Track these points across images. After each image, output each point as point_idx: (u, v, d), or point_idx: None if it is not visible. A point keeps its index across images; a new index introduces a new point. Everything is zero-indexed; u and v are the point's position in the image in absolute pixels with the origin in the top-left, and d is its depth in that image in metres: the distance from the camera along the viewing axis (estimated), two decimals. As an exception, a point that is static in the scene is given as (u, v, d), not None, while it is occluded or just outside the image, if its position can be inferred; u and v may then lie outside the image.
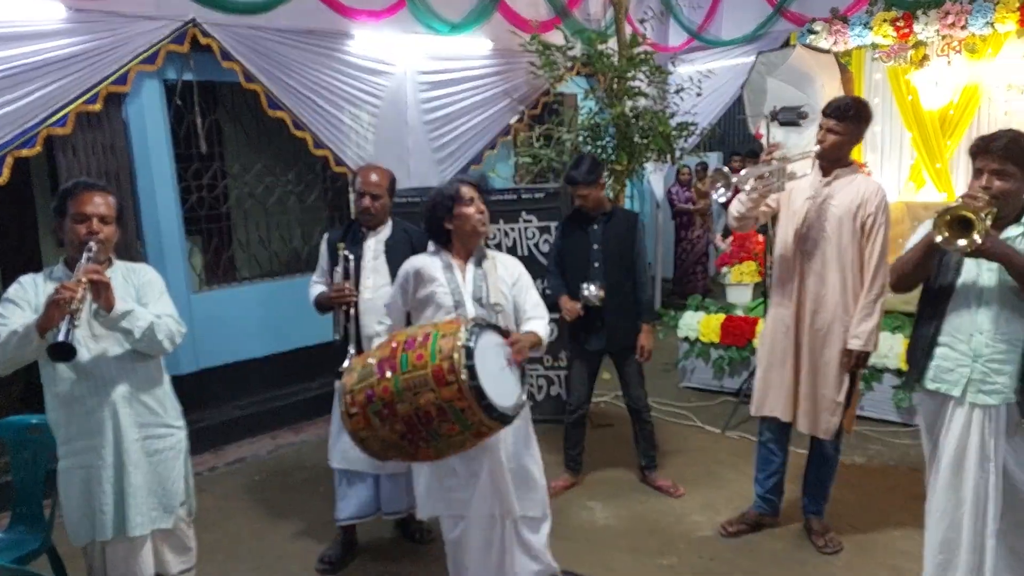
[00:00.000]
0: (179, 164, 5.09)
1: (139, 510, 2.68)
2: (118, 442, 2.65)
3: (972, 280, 2.63)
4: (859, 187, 3.26)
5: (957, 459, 2.69)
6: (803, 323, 3.38)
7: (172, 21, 4.70)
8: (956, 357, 2.67)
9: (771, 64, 5.85)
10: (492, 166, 6.48)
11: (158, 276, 2.86)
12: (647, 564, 3.50)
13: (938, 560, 2.76)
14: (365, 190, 3.42)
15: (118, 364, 2.64)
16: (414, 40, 5.82)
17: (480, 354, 2.43)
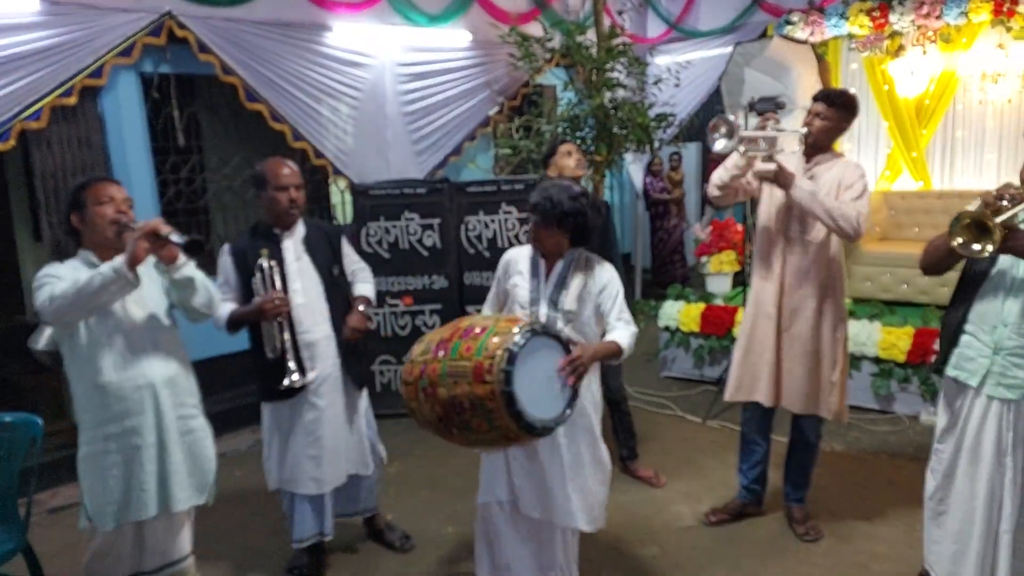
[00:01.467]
0: (156, 158, 5.03)
1: (182, 486, 2.76)
2: (159, 421, 2.70)
3: (1006, 269, 2.59)
4: (841, 169, 3.26)
5: (973, 450, 2.67)
6: (784, 304, 3.38)
7: (148, 13, 4.64)
8: (979, 347, 2.63)
9: (748, 55, 5.88)
10: (472, 158, 6.47)
11: None
12: (629, 555, 3.53)
13: (952, 550, 2.76)
14: (287, 183, 3.14)
15: (158, 347, 2.71)
16: (393, 32, 5.79)
17: (525, 360, 2.41)
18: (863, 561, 3.39)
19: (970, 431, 2.69)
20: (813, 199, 3.11)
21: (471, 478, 4.31)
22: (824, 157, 3.30)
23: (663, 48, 7.57)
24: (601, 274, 2.78)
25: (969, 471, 2.70)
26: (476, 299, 5.38)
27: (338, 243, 3.39)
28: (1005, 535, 2.64)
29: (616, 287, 2.78)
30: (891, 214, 6.45)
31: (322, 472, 3.26)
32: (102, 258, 2.64)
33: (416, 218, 5.27)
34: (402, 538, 3.66)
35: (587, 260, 2.80)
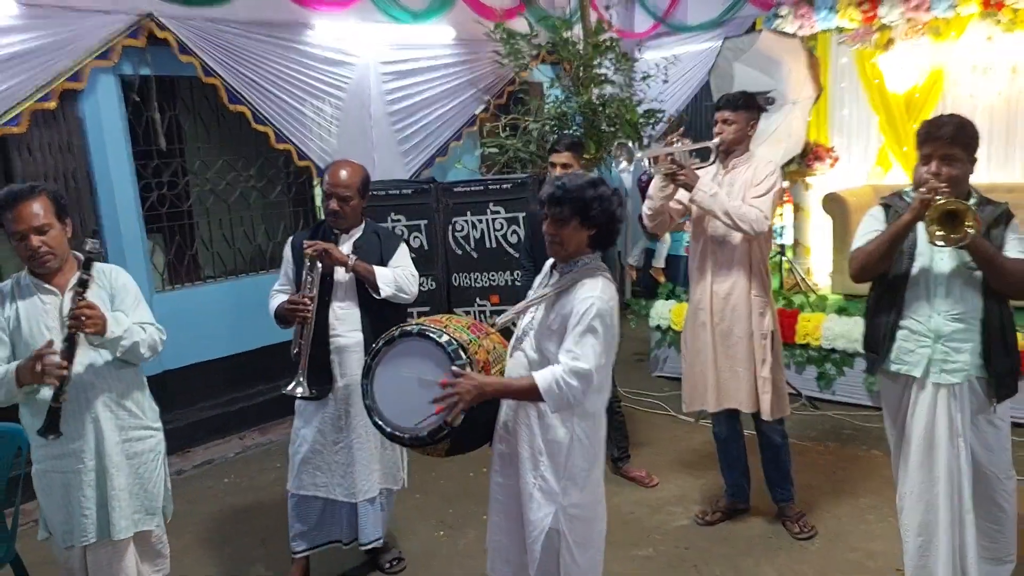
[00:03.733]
0: (138, 161, 4.95)
1: (123, 513, 2.66)
2: (99, 446, 2.62)
3: (927, 265, 2.67)
4: (753, 167, 3.38)
5: (927, 439, 2.70)
6: (716, 307, 3.45)
7: (127, 15, 4.56)
8: (916, 338, 2.70)
9: (737, 49, 5.84)
10: (458, 157, 6.41)
11: (131, 280, 2.78)
12: (623, 556, 3.48)
13: (918, 543, 2.77)
14: (332, 191, 3.10)
15: (98, 370, 2.61)
16: (376, 30, 5.72)
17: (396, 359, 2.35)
18: (858, 559, 3.36)
19: (919, 422, 2.71)
20: (714, 201, 3.21)
21: (461, 483, 4.29)
22: (739, 160, 3.41)
23: (651, 43, 7.51)
24: (578, 294, 2.29)
25: (925, 461, 2.71)
26: (464, 301, 5.34)
27: (391, 250, 3.28)
28: (968, 515, 2.67)
29: (582, 311, 2.24)
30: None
31: (350, 480, 3.20)
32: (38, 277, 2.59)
33: (402, 219, 5.21)
34: (394, 560, 3.53)
35: (587, 271, 2.35)
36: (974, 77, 5.98)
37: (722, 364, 3.47)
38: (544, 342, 2.35)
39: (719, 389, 3.50)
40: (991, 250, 2.53)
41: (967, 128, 2.58)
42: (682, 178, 3.22)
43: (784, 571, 3.31)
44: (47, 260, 2.54)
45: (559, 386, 2.19)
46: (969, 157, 2.59)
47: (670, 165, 3.22)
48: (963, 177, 2.60)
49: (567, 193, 2.29)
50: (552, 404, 2.23)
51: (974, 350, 2.62)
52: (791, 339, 5.21)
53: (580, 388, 2.21)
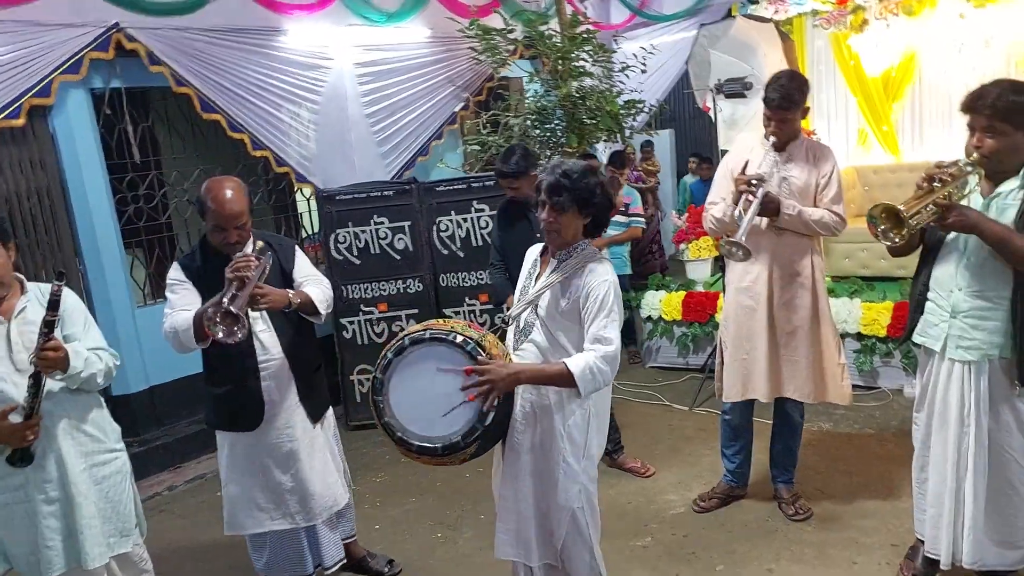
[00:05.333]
0: (113, 176, 4.87)
1: (95, 541, 2.59)
2: (63, 476, 2.55)
3: (956, 239, 2.61)
4: (812, 154, 3.31)
5: (942, 414, 2.70)
6: (777, 297, 3.35)
7: (94, 27, 4.49)
8: (939, 312, 2.67)
9: (713, 36, 5.85)
10: (440, 156, 6.37)
11: (78, 300, 2.70)
12: (621, 547, 3.46)
13: (932, 513, 2.77)
14: (228, 224, 2.75)
15: (55, 397, 2.53)
16: (349, 32, 5.67)
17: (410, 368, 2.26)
18: (853, 536, 3.36)
19: (938, 395, 2.71)
20: (799, 218, 3.21)
21: (457, 484, 4.26)
22: (795, 146, 3.32)
23: (628, 34, 7.49)
24: (589, 278, 2.35)
25: (940, 435, 2.72)
26: (454, 301, 5.30)
27: (291, 259, 3.03)
28: (969, 496, 2.65)
29: (601, 294, 2.31)
30: (865, 190, 6.43)
31: (309, 504, 3.02)
32: None
33: (385, 222, 5.17)
34: (387, 563, 3.46)
35: (588, 256, 2.42)
36: (948, 54, 6.00)
37: (787, 355, 3.37)
38: (556, 328, 2.40)
39: (774, 378, 3.39)
40: (1000, 232, 2.43)
41: (1012, 97, 2.41)
42: (772, 207, 3.16)
43: (781, 553, 3.30)
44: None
45: (592, 372, 2.26)
46: (1018, 126, 2.43)
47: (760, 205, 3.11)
48: (1009, 148, 2.46)
49: (569, 182, 2.33)
50: (585, 389, 2.28)
51: (996, 329, 2.55)
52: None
53: (611, 371, 2.30)
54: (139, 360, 4.88)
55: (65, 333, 2.54)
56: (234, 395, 2.91)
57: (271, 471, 2.98)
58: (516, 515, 2.50)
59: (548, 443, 2.42)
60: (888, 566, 3.09)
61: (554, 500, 2.43)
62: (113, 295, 4.79)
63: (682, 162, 10.02)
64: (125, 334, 4.80)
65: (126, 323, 4.84)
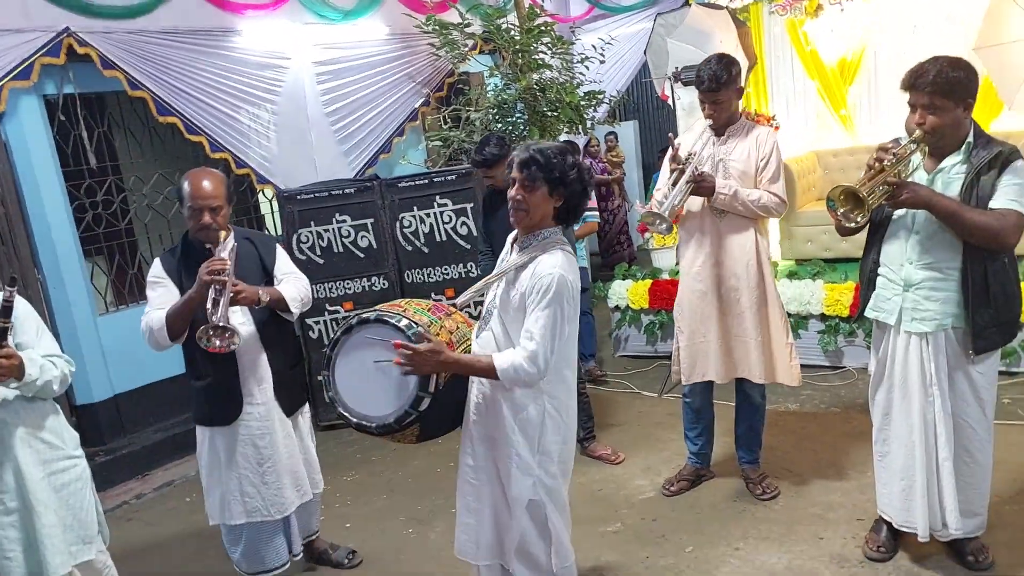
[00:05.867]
0: (69, 182, 4.80)
1: (57, 550, 2.55)
2: (20, 486, 2.51)
3: (904, 213, 2.66)
4: (753, 137, 3.34)
5: (903, 387, 2.75)
6: (724, 281, 3.40)
7: (44, 32, 4.43)
8: (891, 286, 2.71)
9: (669, 25, 5.88)
10: (403, 153, 6.35)
11: (30, 307, 2.66)
12: (592, 533, 3.48)
13: (901, 486, 2.81)
14: (202, 204, 2.83)
15: (9, 405, 2.49)
16: (306, 31, 5.64)
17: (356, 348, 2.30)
18: (819, 512, 3.41)
19: (897, 369, 2.75)
20: (735, 199, 3.24)
21: (428, 480, 4.25)
22: (734, 129, 3.37)
23: (587, 26, 7.53)
24: (537, 269, 2.24)
25: (903, 407, 2.76)
26: (419, 297, 5.26)
27: (271, 255, 3.11)
28: (945, 463, 2.69)
29: (543, 287, 2.20)
30: (825, 173, 6.50)
31: (284, 495, 3.08)
32: None
33: (348, 220, 5.14)
34: (348, 555, 3.50)
35: (547, 244, 2.30)
36: (903, 35, 6.08)
37: (734, 333, 3.42)
38: (507, 319, 2.33)
39: (727, 359, 3.45)
40: (951, 206, 2.49)
41: (950, 73, 2.45)
42: (704, 185, 3.20)
43: (749, 531, 3.34)
44: None
45: (515, 370, 2.20)
46: (958, 102, 2.49)
47: (689, 183, 3.18)
48: (952, 124, 2.52)
49: (542, 158, 2.23)
50: (506, 383, 2.23)
51: (949, 299, 2.60)
52: (745, 307, 5.25)
53: (535, 372, 2.21)
54: (102, 368, 4.81)
55: (17, 341, 2.50)
56: (213, 389, 2.98)
57: (249, 463, 3.03)
58: (469, 511, 2.49)
59: (500, 436, 2.37)
60: (853, 540, 3.14)
61: (508, 492, 2.39)
62: (74, 303, 4.72)
63: (647, 152, 10.07)
64: (87, 342, 4.73)
65: (88, 331, 4.76)
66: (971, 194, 2.52)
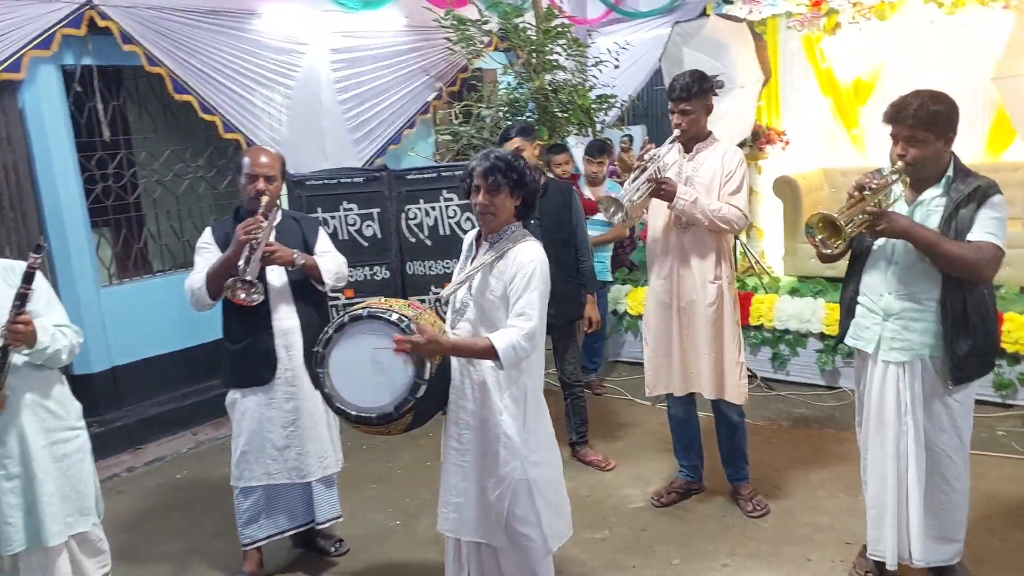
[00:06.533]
0: (82, 153, 4.83)
1: (55, 518, 2.60)
2: (24, 452, 2.55)
3: (884, 243, 2.70)
4: (719, 154, 3.38)
5: (878, 415, 2.78)
6: (681, 296, 3.46)
7: (67, 4, 4.44)
8: (871, 316, 2.75)
9: (686, 34, 5.88)
10: (412, 145, 6.36)
11: (43, 279, 2.69)
12: (579, 539, 3.48)
13: (871, 515, 2.85)
14: (258, 172, 3.07)
15: (18, 371, 2.52)
16: (325, 17, 5.64)
17: (349, 343, 2.40)
18: (807, 533, 3.43)
19: (873, 397, 2.79)
20: (695, 207, 3.26)
21: (417, 472, 4.28)
22: (702, 144, 3.41)
23: (603, 30, 7.51)
24: (517, 258, 2.46)
25: (877, 436, 2.80)
26: (419, 289, 5.30)
27: (313, 234, 3.30)
28: (914, 493, 2.72)
29: (528, 273, 2.43)
30: (832, 191, 6.52)
31: (305, 461, 3.22)
32: None
33: (355, 208, 5.15)
34: (336, 543, 3.55)
35: (517, 237, 2.53)
36: (919, 59, 6.09)
37: (687, 348, 3.47)
38: (489, 309, 2.51)
39: (685, 373, 3.50)
40: (928, 238, 2.53)
41: (931, 107, 2.52)
42: (665, 190, 3.23)
43: (737, 548, 3.36)
44: None
45: (514, 348, 2.37)
46: (939, 135, 2.55)
47: (649, 183, 3.21)
48: (931, 156, 2.57)
49: (503, 164, 2.46)
50: (506, 363, 2.39)
51: (927, 330, 2.64)
52: (745, 321, 5.28)
53: (531, 348, 2.41)
54: (103, 340, 4.84)
55: (29, 309, 2.52)
56: (249, 351, 3.13)
57: (274, 427, 3.18)
58: (456, 490, 2.59)
59: (488, 417, 2.52)
60: (842, 563, 3.16)
61: (495, 472, 2.52)
62: (78, 274, 4.74)
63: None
64: (89, 313, 4.75)
65: (90, 302, 4.79)
66: (950, 226, 2.58)
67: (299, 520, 3.39)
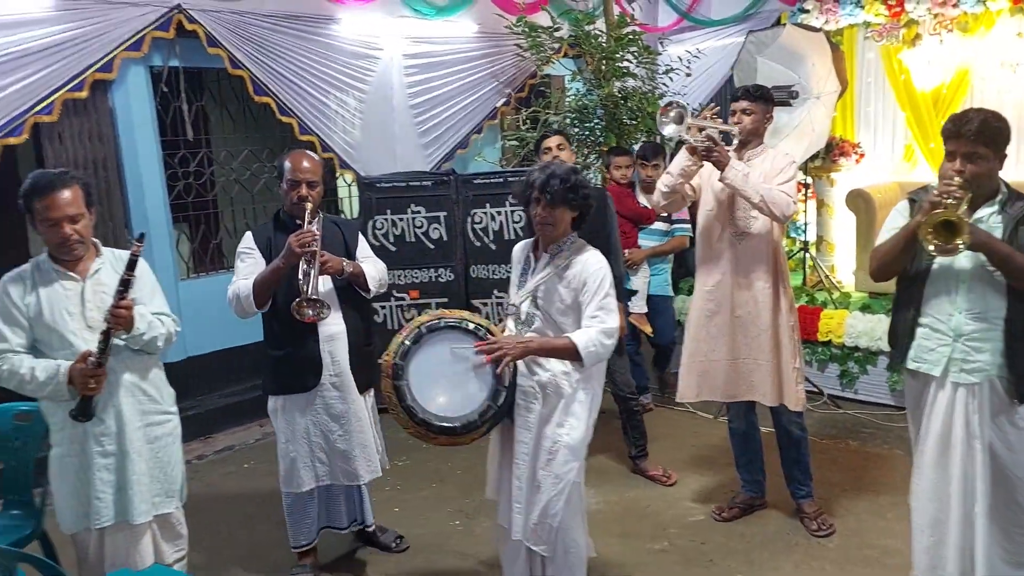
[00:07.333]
0: (165, 151, 5.04)
1: (143, 497, 2.70)
2: (120, 431, 2.66)
3: (948, 262, 2.64)
4: (769, 158, 3.39)
5: (943, 439, 2.69)
6: (736, 305, 3.42)
7: (158, 7, 4.64)
8: (937, 337, 2.67)
9: (761, 43, 5.80)
10: (479, 150, 6.43)
11: (148, 269, 2.83)
12: (638, 549, 3.50)
13: (930, 542, 2.76)
14: (301, 178, 3.06)
15: (117, 354, 2.64)
16: (400, 24, 5.76)
17: (426, 354, 2.42)
18: (875, 556, 3.35)
19: (936, 420, 2.70)
20: (746, 182, 3.20)
21: (477, 473, 4.30)
22: (754, 152, 3.41)
23: (674, 37, 7.46)
24: (586, 264, 2.59)
25: (940, 460, 2.71)
26: (482, 292, 5.35)
27: (355, 239, 3.32)
28: (980, 518, 2.64)
29: (599, 279, 2.56)
30: (901, 208, 6.35)
31: (354, 464, 3.23)
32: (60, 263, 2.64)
33: (422, 211, 5.24)
34: (396, 539, 3.61)
35: (578, 247, 2.65)
36: (1003, 74, 5.88)
37: (742, 355, 3.44)
38: (558, 317, 2.60)
39: (737, 381, 3.47)
40: (1004, 250, 2.49)
41: (993, 124, 2.52)
42: (716, 155, 3.19)
43: (801, 567, 3.30)
44: (76, 248, 2.61)
45: (595, 345, 2.47)
46: (996, 153, 2.55)
47: (704, 141, 3.19)
48: (988, 174, 2.56)
49: (559, 179, 2.53)
50: (588, 361, 2.48)
51: (995, 350, 2.59)
52: (813, 336, 5.18)
53: (611, 344, 2.51)
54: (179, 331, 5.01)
55: (131, 296, 2.63)
56: (294, 357, 3.12)
57: (320, 432, 3.19)
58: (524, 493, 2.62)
59: (552, 419, 2.57)
60: (909, 589, 3.08)
61: (551, 475, 2.56)
62: (159, 267, 4.84)
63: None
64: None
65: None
66: (1012, 243, 2.54)
67: (346, 520, 3.42)
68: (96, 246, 2.73)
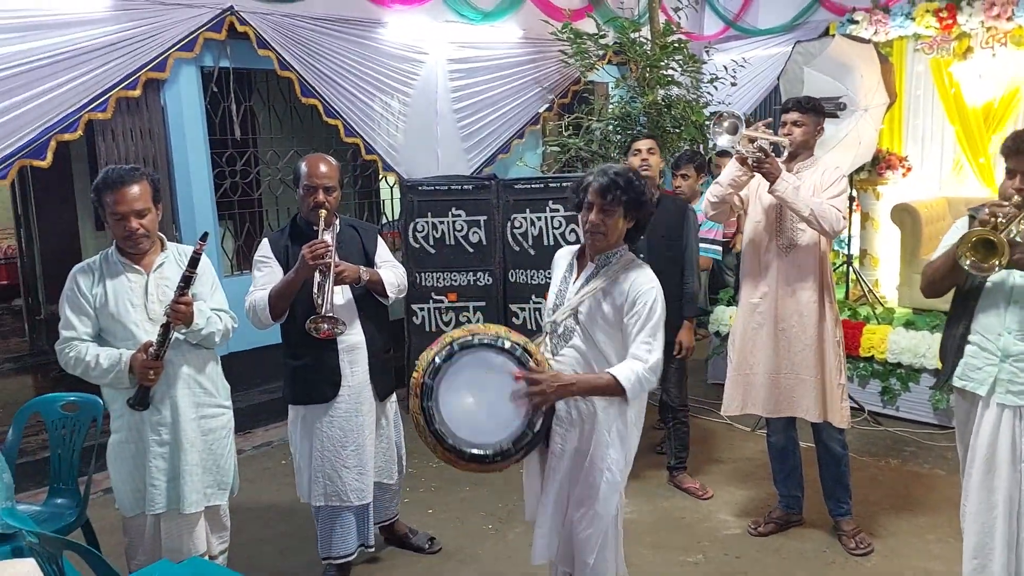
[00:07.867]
0: (213, 150, 5.14)
1: (194, 487, 2.76)
2: (175, 421, 2.73)
3: (1001, 279, 2.59)
4: (819, 171, 3.35)
5: (988, 460, 2.64)
6: (781, 318, 3.39)
7: (210, 9, 4.74)
8: (985, 356, 2.63)
9: (808, 54, 5.74)
10: (520, 155, 6.45)
11: (211, 266, 2.90)
12: (672, 561, 3.47)
13: (973, 565, 2.71)
14: (318, 183, 3.00)
15: (176, 347, 2.71)
16: (446, 28, 5.82)
17: (457, 374, 2.25)
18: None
19: (982, 441, 2.65)
20: (796, 195, 3.17)
21: (511, 478, 4.29)
22: (804, 164, 3.37)
23: (720, 46, 7.44)
24: (634, 284, 2.33)
25: (985, 482, 2.65)
26: (520, 297, 5.37)
27: (373, 243, 3.26)
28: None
29: (649, 303, 2.30)
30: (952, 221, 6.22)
31: (365, 481, 3.19)
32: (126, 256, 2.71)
33: (463, 215, 5.27)
34: (428, 540, 3.61)
35: (628, 262, 2.40)
36: (1058, 88, 5.75)
37: (785, 369, 3.41)
38: (598, 335, 2.39)
39: (779, 395, 3.44)
40: None
41: None
42: (767, 167, 3.16)
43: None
44: (141, 242, 2.69)
45: (640, 382, 2.28)
46: None
47: (756, 152, 3.16)
48: None
49: (622, 182, 2.31)
50: (632, 397, 2.31)
51: None
52: (855, 351, 5.10)
53: (654, 380, 2.32)
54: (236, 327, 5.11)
55: (193, 292, 2.70)
56: (312, 367, 3.09)
57: (333, 445, 3.13)
58: (549, 518, 2.51)
59: (591, 450, 2.42)
60: (950, 611, 3.03)
61: (592, 508, 2.43)
62: (204, 263, 5.03)
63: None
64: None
65: None
66: None
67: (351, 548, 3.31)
68: (162, 241, 2.82)
